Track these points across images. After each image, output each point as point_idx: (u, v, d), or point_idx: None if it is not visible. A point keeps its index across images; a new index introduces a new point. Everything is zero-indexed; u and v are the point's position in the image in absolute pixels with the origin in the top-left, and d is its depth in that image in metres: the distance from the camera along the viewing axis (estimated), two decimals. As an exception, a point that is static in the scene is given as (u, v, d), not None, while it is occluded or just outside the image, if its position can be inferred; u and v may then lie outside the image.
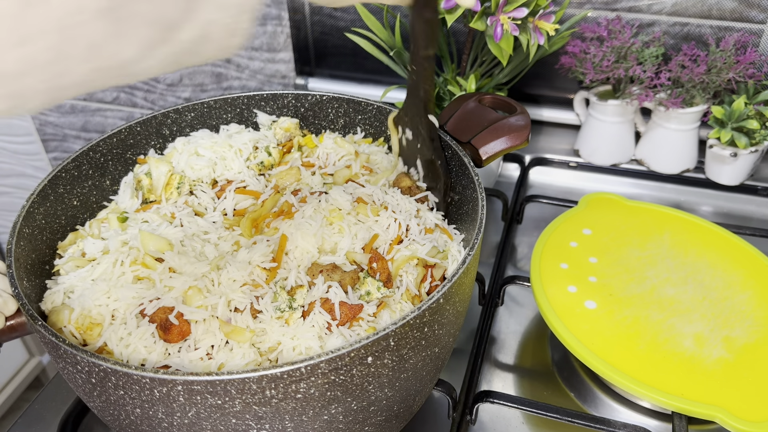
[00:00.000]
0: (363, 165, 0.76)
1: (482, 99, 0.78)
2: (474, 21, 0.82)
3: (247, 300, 0.58)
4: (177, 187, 0.72)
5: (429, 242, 0.64)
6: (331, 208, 0.66)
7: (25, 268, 0.62)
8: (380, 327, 0.57)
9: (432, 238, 0.66)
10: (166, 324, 0.56)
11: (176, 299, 0.57)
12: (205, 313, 0.57)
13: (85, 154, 0.74)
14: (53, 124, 1.58)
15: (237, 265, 0.60)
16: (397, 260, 0.63)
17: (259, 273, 0.60)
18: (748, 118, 0.97)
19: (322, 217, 0.65)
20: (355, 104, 0.81)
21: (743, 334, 0.72)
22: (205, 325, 0.57)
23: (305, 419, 0.52)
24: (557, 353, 0.80)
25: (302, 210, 0.65)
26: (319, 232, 0.63)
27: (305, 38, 1.25)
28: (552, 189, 1.09)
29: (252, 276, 0.60)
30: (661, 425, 0.72)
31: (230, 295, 0.58)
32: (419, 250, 0.63)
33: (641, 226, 0.86)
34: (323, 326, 0.57)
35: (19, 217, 0.63)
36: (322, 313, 0.58)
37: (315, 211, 0.65)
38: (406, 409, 0.61)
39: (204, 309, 0.57)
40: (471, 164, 0.69)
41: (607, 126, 1.06)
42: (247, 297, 0.58)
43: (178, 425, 0.51)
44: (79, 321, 0.57)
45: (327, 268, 0.60)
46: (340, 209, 0.66)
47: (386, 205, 0.67)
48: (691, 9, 1.03)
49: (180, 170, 0.74)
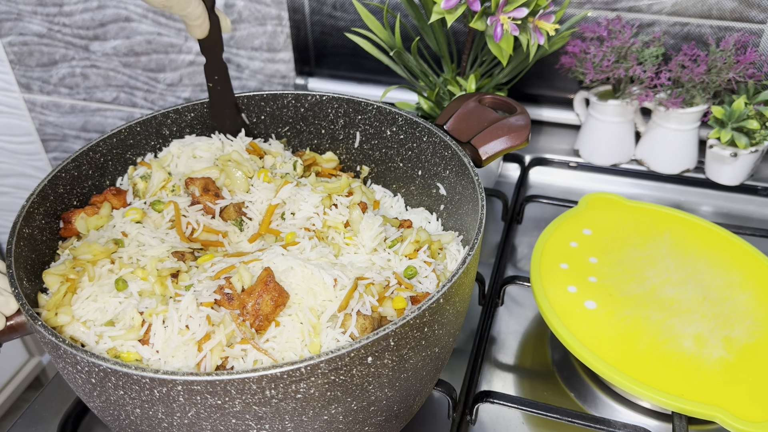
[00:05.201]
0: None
1: (482, 99, 0.78)
2: (474, 21, 0.82)
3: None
4: (172, 190, 0.72)
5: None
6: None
7: (25, 269, 0.62)
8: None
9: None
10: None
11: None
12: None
13: (85, 154, 0.73)
14: (53, 124, 1.58)
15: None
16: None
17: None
18: (748, 118, 0.96)
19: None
20: (355, 104, 0.81)
21: (743, 334, 0.72)
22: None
23: (305, 419, 0.52)
24: (557, 353, 0.80)
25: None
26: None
27: (305, 38, 1.25)
28: (552, 189, 1.09)
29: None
30: (661, 425, 0.72)
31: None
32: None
33: (641, 226, 0.86)
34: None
35: (18, 217, 0.63)
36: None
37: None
38: (406, 409, 0.61)
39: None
40: (471, 164, 0.69)
41: (607, 126, 1.06)
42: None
43: (178, 425, 0.51)
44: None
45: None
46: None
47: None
48: (691, 9, 1.03)
49: (179, 173, 0.74)
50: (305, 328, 0.58)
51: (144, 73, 1.42)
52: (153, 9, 1.31)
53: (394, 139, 0.80)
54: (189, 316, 0.58)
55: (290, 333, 0.58)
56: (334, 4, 1.19)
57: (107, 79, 1.46)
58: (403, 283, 0.63)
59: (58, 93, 1.52)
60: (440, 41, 0.94)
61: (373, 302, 0.60)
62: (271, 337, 0.58)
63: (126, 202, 0.74)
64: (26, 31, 1.43)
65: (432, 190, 0.78)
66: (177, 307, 0.58)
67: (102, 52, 1.42)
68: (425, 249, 0.68)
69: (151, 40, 1.37)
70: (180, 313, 0.58)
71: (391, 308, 0.61)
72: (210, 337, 0.57)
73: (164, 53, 1.38)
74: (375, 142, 0.82)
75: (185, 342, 0.57)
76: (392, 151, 0.81)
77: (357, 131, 0.83)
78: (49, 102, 1.55)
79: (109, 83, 1.47)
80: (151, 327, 0.58)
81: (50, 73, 1.49)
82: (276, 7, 1.24)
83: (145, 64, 1.41)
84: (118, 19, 1.36)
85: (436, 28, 0.93)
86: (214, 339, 0.56)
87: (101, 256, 0.65)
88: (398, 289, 0.63)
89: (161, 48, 1.37)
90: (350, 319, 0.59)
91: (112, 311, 0.61)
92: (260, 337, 0.58)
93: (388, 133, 0.80)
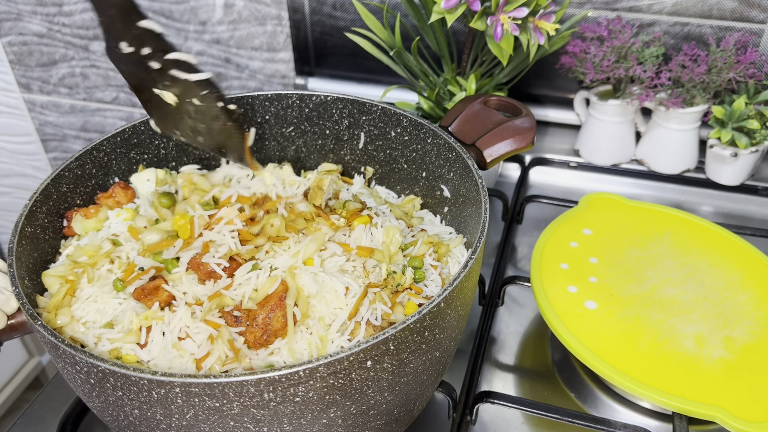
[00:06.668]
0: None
1: (487, 101, 0.78)
2: (474, 21, 0.82)
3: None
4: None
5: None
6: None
7: (27, 267, 0.62)
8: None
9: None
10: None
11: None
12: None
13: (89, 153, 0.73)
14: (53, 124, 1.58)
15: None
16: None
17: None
18: (748, 118, 0.96)
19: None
20: (360, 105, 0.80)
21: (744, 334, 0.72)
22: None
23: (304, 423, 0.51)
24: (557, 353, 0.80)
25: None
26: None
27: (305, 38, 1.24)
28: (552, 189, 1.09)
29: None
30: (662, 426, 0.72)
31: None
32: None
33: (642, 227, 0.86)
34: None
35: (21, 216, 0.63)
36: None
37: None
38: (407, 413, 0.61)
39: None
40: (475, 167, 0.69)
41: (607, 126, 1.06)
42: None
43: (176, 427, 0.51)
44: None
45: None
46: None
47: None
48: (691, 9, 1.02)
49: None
50: (313, 340, 0.58)
51: (144, 72, 1.42)
52: (153, 9, 1.31)
53: (399, 141, 0.80)
54: (186, 326, 0.58)
55: (297, 344, 0.58)
56: (334, 4, 1.19)
57: (107, 79, 1.46)
58: (414, 288, 0.63)
59: (58, 93, 1.52)
60: (440, 41, 0.94)
61: (385, 309, 0.60)
62: (276, 349, 0.58)
63: (133, 198, 0.74)
64: (26, 31, 1.43)
65: (436, 192, 0.77)
66: (170, 320, 0.58)
67: (102, 52, 1.42)
68: (430, 252, 0.68)
69: (150, 39, 1.36)
70: (173, 326, 0.58)
71: (402, 314, 0.61)
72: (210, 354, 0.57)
73: (164, 53, 1.38)
74: (379, 143, 0.82)
75: (180, 356, 0.57)
76: (396, 152, 0.81)
77: (361, 132, 0.82)
78: (48, 102, 1.54)
79: (109, 83, 1.47)
80: (150, 333, 0.58)
81: (50, 73, 1.49)
82: (276, 6, 1.24)
83: (145, 63, 1.41)
84: (117, 19, 1.35)
85: (436, 28, 0.92)
86: (213, 356, 0.56)
87: (98, 258, 0.65)
88: (410, 294, 0.62)
89: (161, 48, 1.37)
90: (359, 328, 0.58)
91: (111, 312, 0.61)
92: (266, 349, 0.58)
93: (393, 135, 0.80)
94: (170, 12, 1.31)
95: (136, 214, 0.70)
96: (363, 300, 0.59)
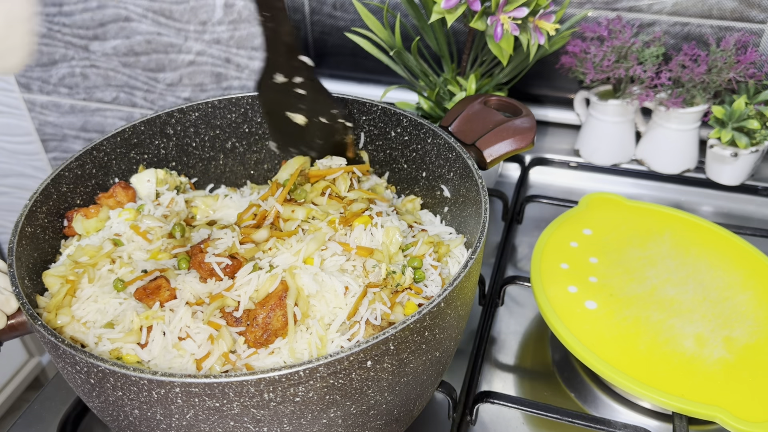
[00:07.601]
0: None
1: (488, 101, 0.78)
2: (474, 21, 0.82)
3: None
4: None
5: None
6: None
7: (27, 267, 0.62)
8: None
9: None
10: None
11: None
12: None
13: (89, 153, 0.73)
14: (53, 124, 1.58)
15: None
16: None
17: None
18: (748, 118, 0.96)
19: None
20: (360, 105, 0.80)
21: (744, 334, 0.72)
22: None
23: (304, 422, 0.51)
24: (557, 354, 0.80)
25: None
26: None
27: (305, 38, 1.24)
28: (552, 189, 1.09)
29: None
30: (662, 426, 0.72)
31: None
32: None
33: (642, 226, 0.86)
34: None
35: (21, 216, 0.63)
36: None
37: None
38: (407, 413, 0.61)
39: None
40: (475, 167, 0.69)
41: (607, 126, 1.06)
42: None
43: (176, 427, 0.51)
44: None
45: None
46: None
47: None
48: (691, 9, 1.02)
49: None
50: (313, 340, 0.58)
51: (144, 72, 1.42)
52: (153, 9, 1.31)
53: (399, 141, 0.80)
54: (187, 326, 0.58)
55: (297, 344, 0.58)
56: (334, 4, 1.19)
57: (107, 79, 1.46)
58: (414, 288, 0.63)
59: (58, 93, 1.52)
60: (440, 41, 0.94)
61: (385, 309, 0.60)
62: (276, 349, 0.58)
63: (134, 198, 0.74)
64: (26, 30, 1.42)
65: (436, 192, 0.77)
66: (171, 319, 0.58)
67: (102, 52, 1.42)
68: (431, 252, 0.68)
69: (150, 39, 1.36)
70: (173, 326, 0.58)
71: (402, 314, 0.60)
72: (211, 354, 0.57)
73: (164, 53, 1.38)
74: (379, 143, 0.82)
75: (181, 356, 0.57)
76: (397, 152, 0.81)
77: (361, 132, 0.82)
78: (48, 102, 1.54)
79: (108, 83, 1.47)
80: (150, 332, 0.58)
81: (50, 73, 1.49)
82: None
83: (145, 64, 1.41)
84: (117, 19, 1.35)
85: (436, 28, 0.92)
86: (213, 356, 0.56)
87: (98, 258, 0.65)
88: (410, 294, 0.62)
89: (161, 48, 1.37)
90: (359, 328, 0.58)
91: (112, 312, 0.61)
92: (266, 349, 0.58)
93: (393, 135, 0.80)
94: (170, 12, 1.31)
95: (138, 214, 0.70)
96: (362, 300, 0.59)
